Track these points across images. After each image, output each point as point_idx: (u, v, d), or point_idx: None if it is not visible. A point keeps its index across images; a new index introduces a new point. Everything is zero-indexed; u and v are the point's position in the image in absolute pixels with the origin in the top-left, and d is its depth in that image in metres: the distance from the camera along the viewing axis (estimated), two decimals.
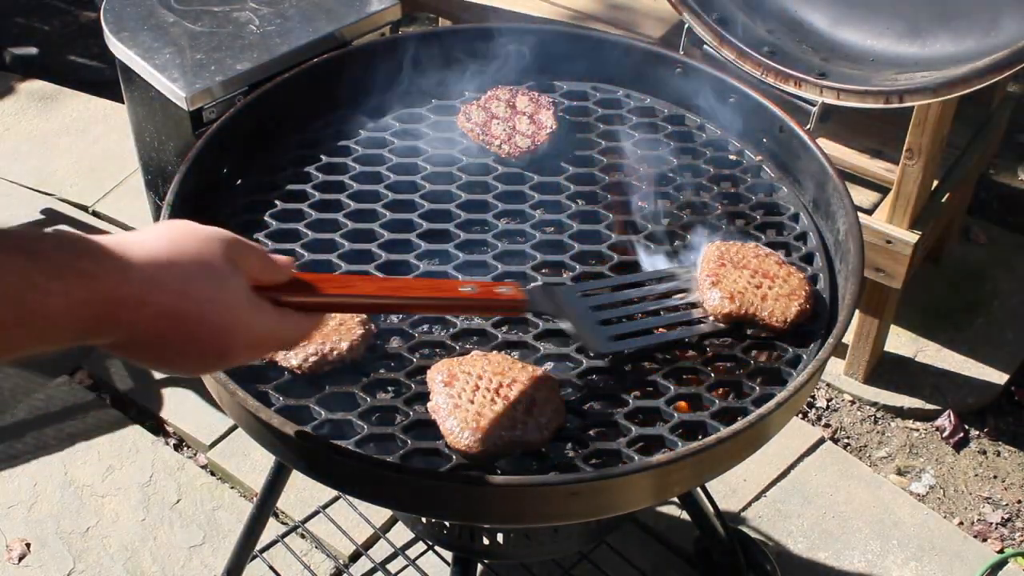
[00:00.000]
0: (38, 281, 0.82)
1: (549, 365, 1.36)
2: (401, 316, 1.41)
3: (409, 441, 1.25)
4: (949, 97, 1.90)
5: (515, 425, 1.23)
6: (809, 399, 2.52)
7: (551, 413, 1.25)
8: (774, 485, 2.32)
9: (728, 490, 2.29)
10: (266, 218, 1.54)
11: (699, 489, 1.83)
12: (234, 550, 1.84)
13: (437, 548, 1.92)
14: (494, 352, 1.34)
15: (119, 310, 0.87)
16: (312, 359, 1.30)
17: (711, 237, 1.51)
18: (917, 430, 2.49)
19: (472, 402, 1.24)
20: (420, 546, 2.03)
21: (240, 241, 1.00)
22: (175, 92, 2.16)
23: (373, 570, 2.02)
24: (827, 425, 2.50)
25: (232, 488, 2.32)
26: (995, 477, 2.41)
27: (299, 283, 1.08)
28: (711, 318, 1.39)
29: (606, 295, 1.41)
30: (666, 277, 1.45)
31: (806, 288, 1.40)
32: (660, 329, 1.40)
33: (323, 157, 1.64)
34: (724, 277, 1.40)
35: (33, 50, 3.60)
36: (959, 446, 2.46)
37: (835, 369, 2.57)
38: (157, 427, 2.45)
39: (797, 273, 1.43)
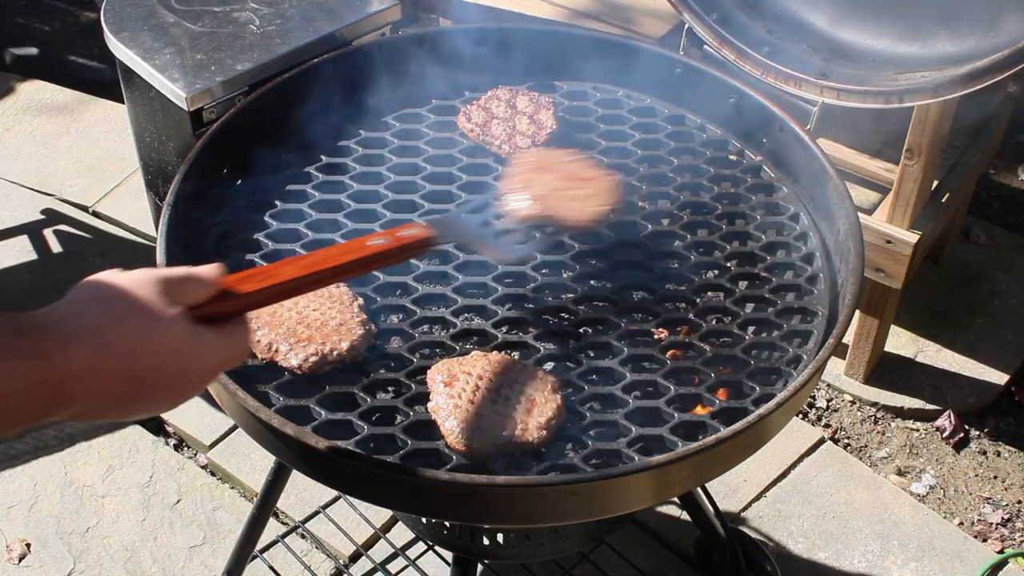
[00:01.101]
0: None
1: (549, 365, 1.36)
2: (400, 316, 1.41)
3: (409, 441, 1.25)
4: (949, 97, 1.90)
5: (515, 425, 1.23)
6: (809, 399, 2.52)
7: (551, 413, 1.25)
8: (774, 485, 2.32)
9: (728, 490, 2.29)
10: (266, 218, 1.54)
11: (699, 489, 1.83)
12: (234, 550, 1.84)
13: (437, 548, 1.92)
14: (494, 352, 1.34)
15: (72, 385, 0.85)
16: (312, 359, 1.30)
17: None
18: (917, 430, 2.49)
19: (472, 402, 1.24)
20: (420, 546, 2.03)
21: (168, 276, 0.97)
22: (175, 92, 2.16)
23: (373, 570, 2.02)
24: (827, 425, 2.50)
25: (232, 488, 2.32)
26: (995, 477, 2.41)
27: (225, 292, 1.03)
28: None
29: (489, 212, 1.47)
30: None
31: (612, 190, 1.45)
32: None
33: (323, 157, 1.64)
34: (532, 181, 1.44)
35: (33, 50, 3.60)
36: (959, 446, 2.46)
37: (835, 369, 2.57)
38: (157, 427, 2.45)
39: (609, 177, 1.47)
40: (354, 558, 2.16)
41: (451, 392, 1.26)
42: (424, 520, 1.63)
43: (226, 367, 1.03)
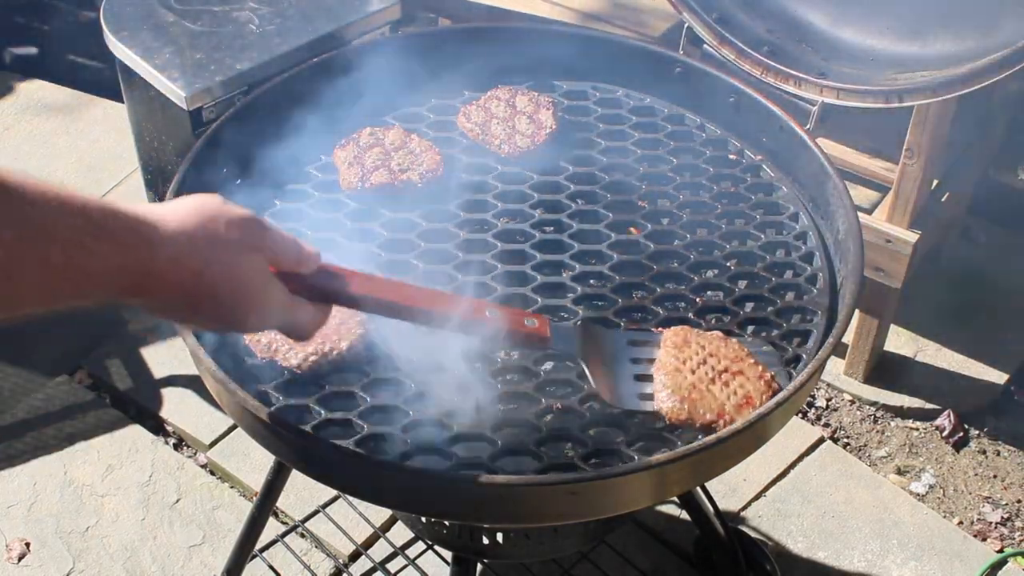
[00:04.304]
0: (86, 241, 0.91)
1: (549, 364, 1.36)
2: None
3: (409, 441, 1.25)
4: (949, 97, 1.90)
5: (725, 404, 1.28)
6: (809, 399, 2.52)
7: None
8: (774, 485, 2.32)
9: (728, 490, 2.29)
10: (266, 218, 1.53)
11: (699, 489, 1.83)
12: (234, 550, 1.84)
13: (437, 548, 1.92)
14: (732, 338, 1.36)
15: (146, 281, 0.97)
16: (312, 359, 1.30)
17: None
18: (917, 430, 2.49)
19: (693, 372, 1.28)
20: (420, 546, 2.03)
21: (265, 227, 1.08)
22: (175, 92, 2.16)
23: (373, 570, 2.02)
24: (827, 425, 2.50)
25: (232, 488, 2.32)
26: (995, 477, 2.41)
27: (325, 273, 1.13)
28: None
29: (645, 349, 1.33)
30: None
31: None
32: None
33: (323, 157, 1.64)
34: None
35: (33, 50, 3.59)
36: (959, 446, 2.46)
37: (835, 369, 2.57)
38: (157, 427, 2.45)
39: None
40: (354, 557, 2.16)
41: (679, 355, 1.30)
42: (423, 519, 1.63)
43: (284, 330, 1.13)
